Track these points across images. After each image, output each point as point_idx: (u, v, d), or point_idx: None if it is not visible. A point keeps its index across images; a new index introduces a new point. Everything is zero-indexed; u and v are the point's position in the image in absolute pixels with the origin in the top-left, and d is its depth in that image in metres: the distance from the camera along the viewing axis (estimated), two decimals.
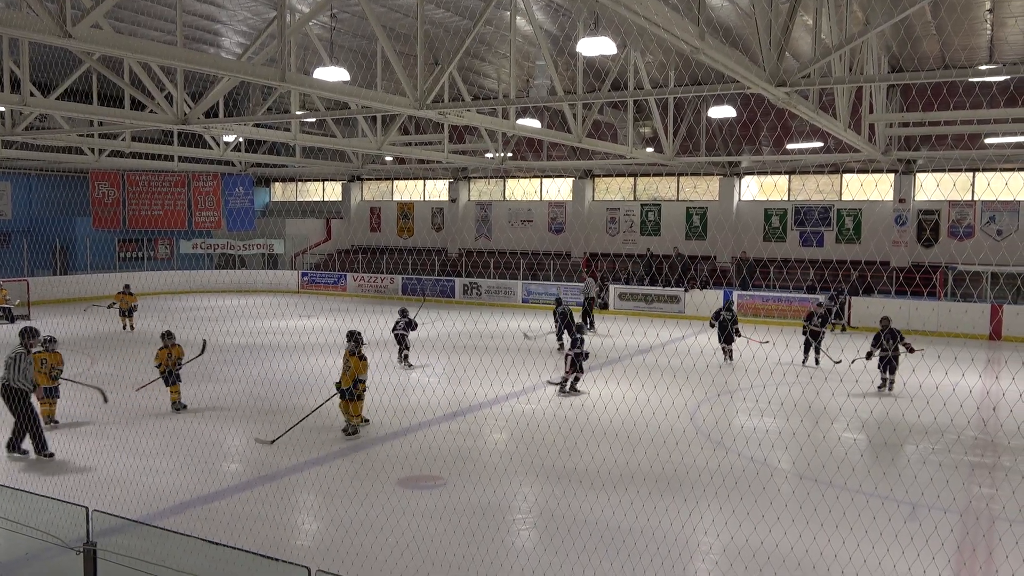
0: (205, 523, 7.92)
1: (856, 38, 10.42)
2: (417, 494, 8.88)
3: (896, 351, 14.12)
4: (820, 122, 13.72)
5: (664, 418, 11.24)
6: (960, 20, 16.34)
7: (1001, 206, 23.71)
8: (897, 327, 14.46)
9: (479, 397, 13.09)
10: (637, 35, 14.79)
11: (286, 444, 10.52)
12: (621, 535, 7.66)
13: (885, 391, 14.26)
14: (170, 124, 15.49)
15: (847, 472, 9.51)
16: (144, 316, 22.10)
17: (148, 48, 9.67)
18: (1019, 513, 8.18)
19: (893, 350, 14.12)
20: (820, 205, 26.32)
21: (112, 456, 10.04)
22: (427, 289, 26.04)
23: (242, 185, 33.86)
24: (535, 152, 28.09)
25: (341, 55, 17.46)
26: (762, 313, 24.09)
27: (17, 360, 10.05)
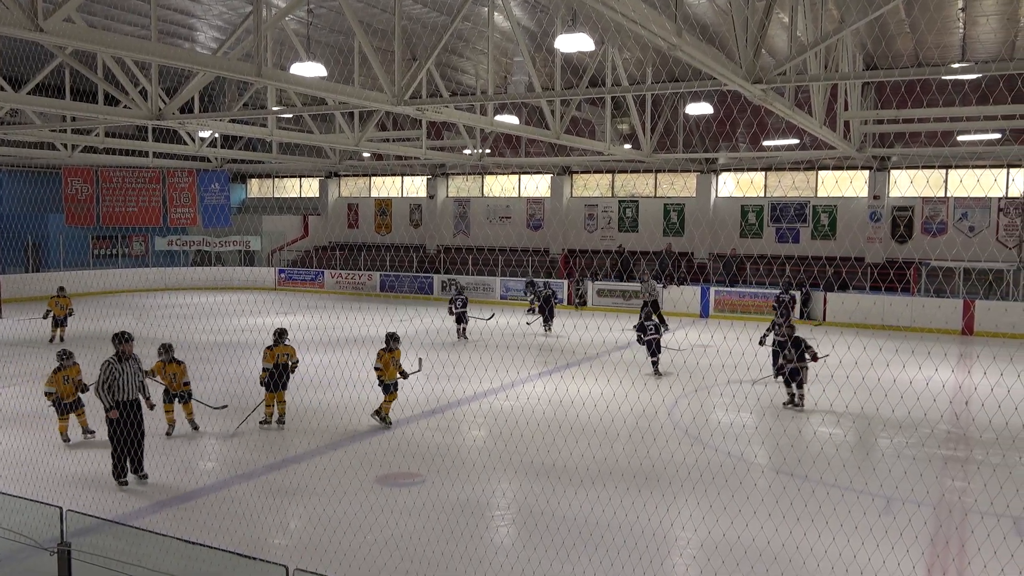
0: (181, 522, 7.85)
1: (831, 36, 10.50)
2: (396, 491, 8.86)
3: (802, 359, 12.78)
4: (796, 119, 13.83)
5: (642, 414, 11.30)
6: (933, 19, 16.52)
7: (973, 203, 24.03)
8: (802, 336, 13.14)
9: (457, 394, 13.08)
10: (615, 31, 14.82)
11: (263, 442, 10.45)
12: (600, 530, 7.69)
13: (791, 407, 12.89)
14: (144, 120, 15.32)
15: (823, 466, 9.61)
16: (119, 314, 21.87)
17: (122, 42, 9.54)
18: (991, 506, 8.30)
19: (798, 358, 12.78)
20: (796, 202, 26.54)
21: (86, 455, 9.94)
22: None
23: (218, 181, 33.58)
24: (513, 148, 28.09)
25: (318, 50, 17.35)
26: (739, 309, 24.25)
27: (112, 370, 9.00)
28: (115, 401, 8.82)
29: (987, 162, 23.53)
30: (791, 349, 12.80)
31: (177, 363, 11.14)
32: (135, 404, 9.02)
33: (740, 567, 7.00)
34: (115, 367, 8.90)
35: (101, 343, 11.08)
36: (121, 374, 8.90)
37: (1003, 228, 23.74)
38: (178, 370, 11.10)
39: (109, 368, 8.90)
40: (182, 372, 11.13)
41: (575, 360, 17.00)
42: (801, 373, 12.82)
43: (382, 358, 11.51)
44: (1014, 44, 17.95)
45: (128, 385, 8.94)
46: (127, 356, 9.05)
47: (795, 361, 12.80)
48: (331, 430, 11.24)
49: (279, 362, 11.57)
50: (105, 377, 8.87)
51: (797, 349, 12.82)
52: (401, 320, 21.79)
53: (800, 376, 12.83)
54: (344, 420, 11.64)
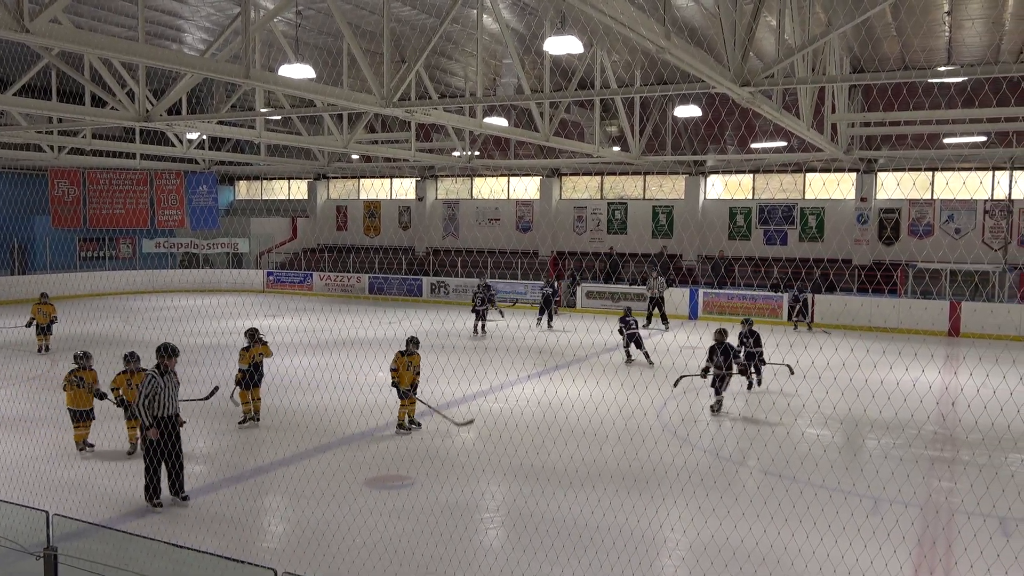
0: (169, 526, 7.81)
1: (819, 39, 10.56)
2: (384, 494, 8.84)
3: (730, 368, 12.57)
4: (784, 122, 13.89)
5: (631, 415, 11.31)
6: (919, 22, 16.64)
7: (959, 205, 24.19)
8: (732, 343, 12.93)
9: (446, 396, 13.06)
10: (603, 34, 14.86)
11: (251, 445, 10.41)
12: (589, 532, 7.69)
13: (715, 413, 12.65)
14: (132, 121, 15.25)
15: (811, 468, 9.65)
16: (106, 316, 21.76)
17: (109, 44, 9.50)
18: (977, 506, 8.35)
19: (727, 367, 12.54)
20: (784, 204, 26.65)
21: (73, 459, 9.88)
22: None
23: (206, 183, 33.46)
24: (502, 151, 28.11)
25: (307, 52, 17.31)
26: (727, 311, 24.31)
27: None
28: (155, 418, 8.35)
29: (972, 164, 23.70)
30: (720, 356, 12.51)
31: (144, 371, 9.82)
32: (174, 419, 8.54)
33: (729, 568, 7.02)
34: (157, 381, 8.43)
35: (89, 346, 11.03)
36: (163, 388, 8.42)
37: (988, 230, 23.91)
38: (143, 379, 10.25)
39: (152, 383, 8.40)
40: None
41: (564, 362, 17.01)
42: (725, 380, 12.58)
43: (398, 360, 11.26)
44: (999, 48, 18.09)
45: (168, 400, 8.48)
46: (169, 370, 8.59)
47: (723, 368, 12.48)
48: (320, 432, 11.20)
49: (255, 361, 11.66)
50: (148, 391, 8.36)
51: (727, 357, 12.54)
52: (390, 322, 21.75)
53: (721, 384, 12.57)
54: (333, 422, 11.62)
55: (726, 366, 12.46)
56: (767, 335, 17.25)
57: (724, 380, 12.57)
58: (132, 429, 10.14)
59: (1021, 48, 18.05)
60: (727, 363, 12.46)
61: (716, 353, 12.57)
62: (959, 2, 15.36)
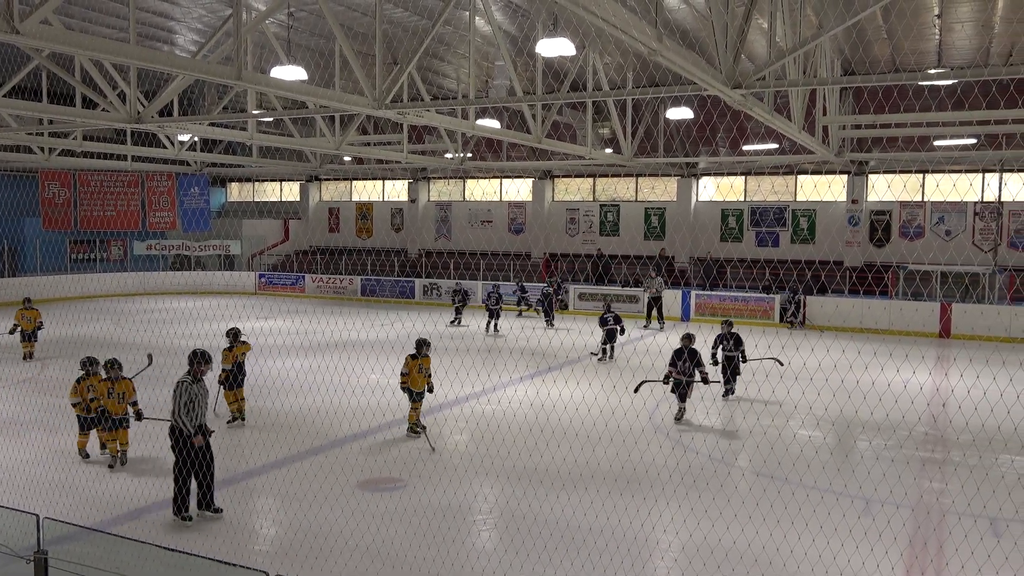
0: (161, 529, 7.79)
1: (810, 41, 10.60)
2: (377, 496, 8.83)
3: (692, 375, 12.05)
4: (775, 124, 13.93)
5: (623, 417, 11.32)
6: (910, 25, 16.71)
7: (949, 207, 24.29)
8: (698, 348, 12.32)
9: (439, 398, 13.05)
10: (596, 36, 14.88)
11: (242, 448, 10.38)
12: (582, 534, 7.70)
13: (678, 422, 12.16)
14: (123, 123, 15.20)
15: (802, 469, 9.67)
16: (97, 319, 21.67)
17: (100, 45, 9.47)
18: (968, 507, 8.39)
19: (689, 374, 12.01)
20: (775, 206, 26.73)
21: (64, 462, 9.83)
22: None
23: (197, 185, 33.37)
24: (495, 152, 28.11)
25: (298, 54, 17.29)
26: (719, 312, 24.35)
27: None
28: (196, 426, 8.11)
29: (963, 167, 23.81)
30: (687, 360, 11.94)
31: (126, 379, 9.74)
32: (205, 429, 8.28)
33: (721, 569, 7.03)
34: (193, 388, 8.18)
35: (79, 349, 10.99)
36: (197, 396, 8.19)
37: (978, 232, 24.02)
38: (127, 387, 9.69)
39: (189, 389, 8.14)
40: (131, 391, 9.71)
41: (556, 364, 17.02)
42: (688, 389, 12.03)
43: (408, 364, 11.19)
44: (988, 50, 18.19)
45: (202, 408, 8.24)
46: (200, 378, 8.35)
47: (686, 374, 11.93)
48: (312, 435, 11.18)
49: (238, 361, 11.73)
50: (185, 399, 8.09)
51: (691, 363, 11.96)
52: (383, 324, 21.75)
53: (687, 391, 12.06)
54: (325, 425, 11.59)
55: (689, 373, 11.89)
56: (759, 336, 17.30)
57: (687, 388, 11.99)
58: (112, 441, 9.68)
59: (1010, 51, 18.15)
60: (691, 369, 11.90)
61: (681, 358, 11.98)
62: (949, 5, 15.45)
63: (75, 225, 31.40)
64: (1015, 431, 10.38)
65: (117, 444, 9.68)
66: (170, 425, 8.16)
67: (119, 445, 9.71)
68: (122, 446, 9.73)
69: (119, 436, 9.67)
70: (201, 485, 8.13)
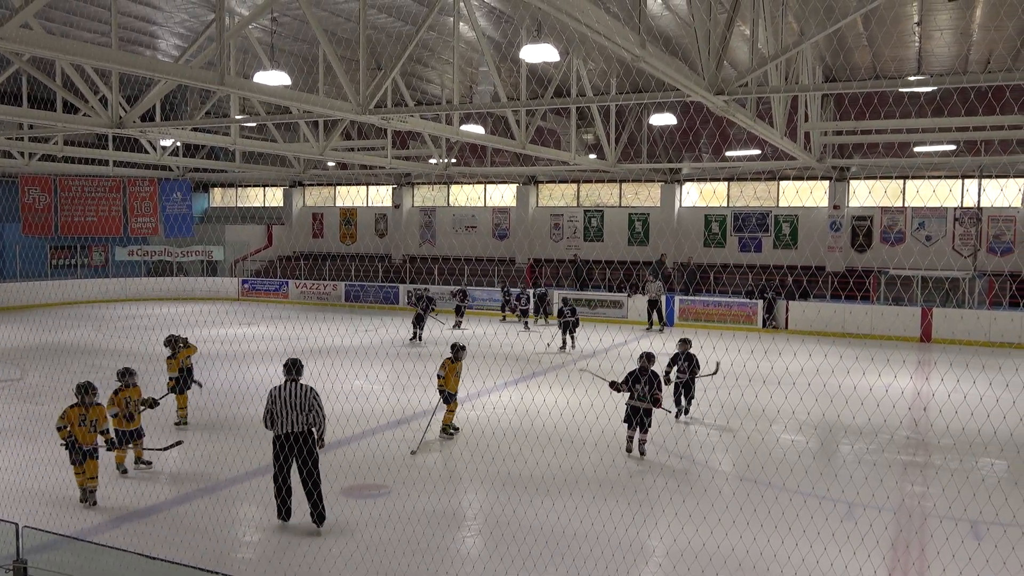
0: (143, 538, 7.72)
1: (791, 48, 10.68)
2: (362, 503, 8.79)
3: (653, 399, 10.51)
4: (757, 130, 14.02)
5: (608, 422, 11.33)
6: (890, 32, 16.88)
7: (930, 212, 24.53)
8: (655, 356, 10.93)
9: (423, 404, 13.02)
10: (579, 42, 14.93)
11: (224, 455, 10.31)
12: (567, 540, 7.69)
13: (630, 453, 10.63)
14: (105, 128, 15.10)
15: (786, 473, 9.71)
16: (78, 325, 21.47)
17: (81, 49, 9.41)
18: (949, 510, 8.45)
19: (650, 398, 10.49)
20: (758, 211, 26.89)
21: (43, 469, 9.72)
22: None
23: (180, 190, 33.17)
24: (479, 158, 28.12)
25: (282, 59, 17.24)
26: (703, 318, 24.46)
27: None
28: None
29: (942, 173, 24.05)
30: (643, 384, 10.40)
31: (99, 405, 8.78)
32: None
33: (706, 573, 7.05)
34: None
35: (59, 356, 10.87)
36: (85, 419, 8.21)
37: (958, 237, 24.27)
38: (99, 414, 8.72)
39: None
40: (103, 418, 8.78)
41: (541, 369, 17.03)
42: (647, 417, 10.50)
43: (446, 367, 11.29)
44: (967, 58, 18.39)
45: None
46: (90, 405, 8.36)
47: (645, 398, 10.43)
48: None
49: (184, 366, 11.77)
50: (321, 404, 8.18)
51: (650, 387, 10.42)
52: (367, 330, 21.69)
53: (641, 420, 10.46)
54: None
55: (650, 397, 10.41)
56: (742, 341, 17.36)
57: (644, 416, 10.45)
58: (79, 475, 8.63)
59: (988, 58, 18.36)
60: (650, 393, 10.41)
61: (639, 381, 10.44)
62: (928, 13, 15.61)
63: (56, 231, 31.12)
64: (995, 434, 10.48)
65: (85, 477, 8.58)
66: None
67: (87, 479, 8.59)
68: (90, 482, 8.60)
69: (88, 468, 8.58)
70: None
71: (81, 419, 8.49)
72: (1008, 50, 17.45)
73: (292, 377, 8.13)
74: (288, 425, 7.87)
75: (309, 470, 7.88)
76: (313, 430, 7.98)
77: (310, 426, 7.95)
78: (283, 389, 8.01)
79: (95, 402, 8.60)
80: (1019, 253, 23.50)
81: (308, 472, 7.88)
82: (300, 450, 7.90)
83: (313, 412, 7.96)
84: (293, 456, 7.90)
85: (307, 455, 7.89)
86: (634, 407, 10.46)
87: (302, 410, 7.91)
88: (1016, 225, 23.75)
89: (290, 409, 7.89)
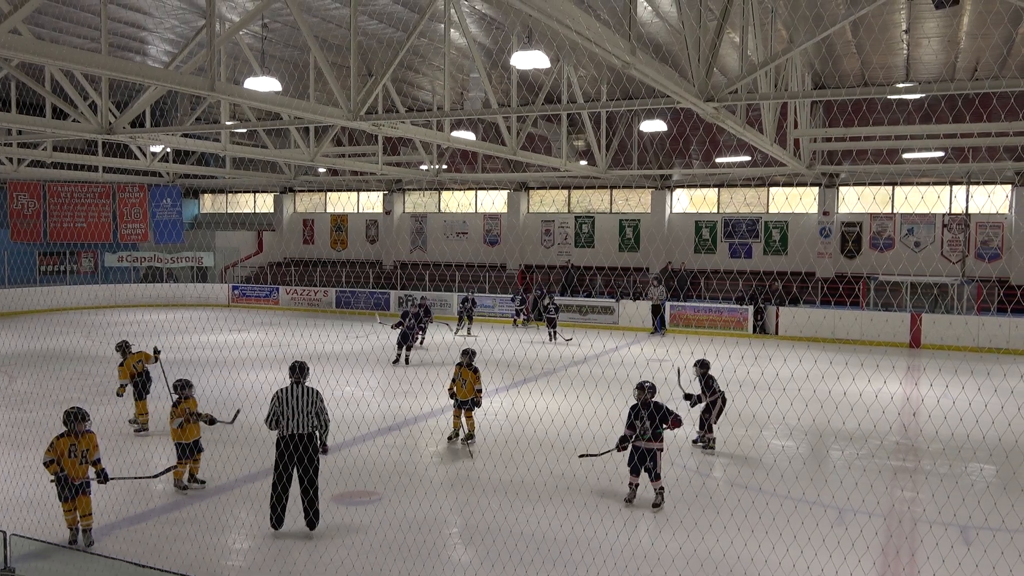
0: (132, 545, 7.67)
1: (781, 55, 10.73)
2: (352, 510, 8.76)
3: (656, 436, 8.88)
4: (747, 137, 14.08)
5: (599, 428, 11.33)
6: (878, 40, 16.99)
7: (918, 219, 24.67)
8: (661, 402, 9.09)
9: (414, 410, 13.00)
10: (570, 49, 14.98)
11: (214, 463, 10.27)
12: (558, 546, 7.69)
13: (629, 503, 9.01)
14: (94, 134, 15.05)
15: (776, 478, 9.73)
16: (67, 332, 21.36)
17: (71, 55, 9.38)
18: (939, 515, 8.49)
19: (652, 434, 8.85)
20: (748, 218, 26.99)
21: (31, 477, 9.66)
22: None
23: (170, 196, 33.09)
24: (470, 164, 28.15)
25: (272, 65, 17.24)
26: (693, 323, 24.52)
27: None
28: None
29: (931, 179, 24.20)
30: (645, 419, 8.82)
31: (90, 433, 7.85)
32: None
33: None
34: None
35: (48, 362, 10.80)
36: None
37: (947, 243, 24.41)
38: (91, 443, 7.80)
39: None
40: (94, 446, 7.83)
41: (532, 375, 17.03)
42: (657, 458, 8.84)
43: (456, 372, 11.45)
44: (955, 65, 18.53)
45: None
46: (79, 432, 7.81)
47: (648, 436, 8.83)
48: None
49: (136, 371, 11.69)
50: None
51: (652, 421, 8.80)
52: (357, 336, 21.65)
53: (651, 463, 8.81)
54: None
55: (652, 432, 8.82)
56: (733, 347, 17.41)
57: (651, 458, 8.83)
58: (70, 513, 7.67)
59: (975, 66, 18.50)
60: (653, 428, 8.82)
61: (639, 417, 8.87)
62: (916, 21, 15.72)
63: (45, 237, 30.99)
64: (984, 440, 10.54)
65: (76, 515, 7.66)
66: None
67: (78, 517, 7.67)
68: (83, 520, 7.68)
69: (80, 505, 7.65)
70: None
71: (71, 450, 7.61)
72: (995, 57, 17.60)
73: (297, 379, 8.17)
74: (294, 426, 7.90)
75: (311, 474, 7.89)
76: (317, 433, 8.00)
77: (314, 429, 7.97)
78: (289, 391, 8.04)
79: (87, 430, 7.75)
80: (1007, 259, 23.65)
81: (310, 476, 7.89)
82: (303, 453, 7.90)
83: (319, 415, 8.01)
84: (295, 459, 7.91)
85: (309, 459, 7.91)
86: (636, 447, 8.90)
87: (308, 412, 7.94)
88: (1004, 231, 23.91)
89: (296, 411, 7.92)
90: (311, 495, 7.94)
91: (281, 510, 8.02)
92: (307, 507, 7.98)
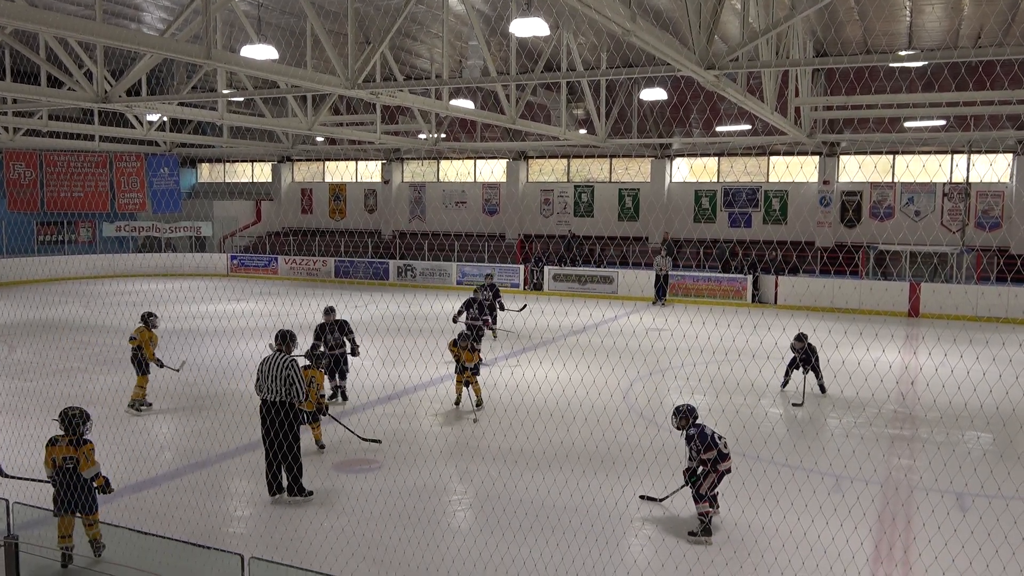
0: (135, 513, 7.73)
1: (782, 23, 10.63)
2: (352, 478, 8.83)
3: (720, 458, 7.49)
4: (748, 105, 13.99)
5: (598, 397, 11.39)
6: (881, 7, 16.82)
7: (919, 188, 24.59)
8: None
9: (414, 379, 13.05)
10: (569, 16, 14.82)
11: (216, 430, 10.33)
12: (557, 513, 7.75)
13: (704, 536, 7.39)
14: (90, 102, 14.93)
15: (774, 446, 9.80)
16: (66, 302, 21.37)
17: (65, 22, 9.28)
18: (935, 482, 8.55)
19: (715, 460, 7.48)
20: (748, 187, 26.90)
21: (34, 445, 9.71)
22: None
23: (167, 166, 32.92)
24: (469, 133, 28.00)
25: (269, 32, 17.05)
26: (692, 293, 24.53)
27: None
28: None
29: (932, 148, 24.08)
30: (696, 442, 7.49)
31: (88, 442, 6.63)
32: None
33: (694, 546, 7.12)
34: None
35: (47, 332, 10.81)
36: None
37: (947, 212, 24.36)
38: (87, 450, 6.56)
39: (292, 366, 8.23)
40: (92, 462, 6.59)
41: (531, 344, 17.06)
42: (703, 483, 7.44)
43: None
44: (958, 32, 18.36)
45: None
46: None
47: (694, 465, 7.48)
48: None
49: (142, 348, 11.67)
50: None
51: (703, 443, 7.47)
52: (356, 306, 21.66)
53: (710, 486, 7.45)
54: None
55: (712, 458, 7.46)
56: (732, 316, 17.45)
57: (711, 479, 7.47)
58: (65, 539, 6.51)
59: (979, 33, 18.33)
60: (709, 452, 7.48)
61: (692, 439, 7.54)
62: None
63: (42, 206, 30.88)
64: (981, 408, 10.58)
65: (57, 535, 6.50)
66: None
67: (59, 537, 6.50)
68: (61, 540, 6.51)
69: (85, 519, 6.55)
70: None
71: (65, 463, 6.52)
72: (999, 24, 17.43)
73: (279, 347, 8.38)
74: (264, 392, 8.12)
75: (280, 440, 8.04)
76: (294, 402, 8.10)
77: (286, 396, 8.04)
78: (268, 360, 8.24)
79: (84, 439, 6.59)
80: (1007, 228, 23.62)
81: (279, 442, 8.04)
82: (274, 419, 8.05)
83: (289, 385, 8.05)
84: (266, 424, 8.09)
85: (279, 425, 8.05)
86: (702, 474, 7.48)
87: (275, 380, 8.05)
88: (1004, 200, 23.85)
89: (264, 378, 8.14)
90: (280, 461, 8.09)
91: (271, 477, 8.16)
92: (278, 472, 8.16)
